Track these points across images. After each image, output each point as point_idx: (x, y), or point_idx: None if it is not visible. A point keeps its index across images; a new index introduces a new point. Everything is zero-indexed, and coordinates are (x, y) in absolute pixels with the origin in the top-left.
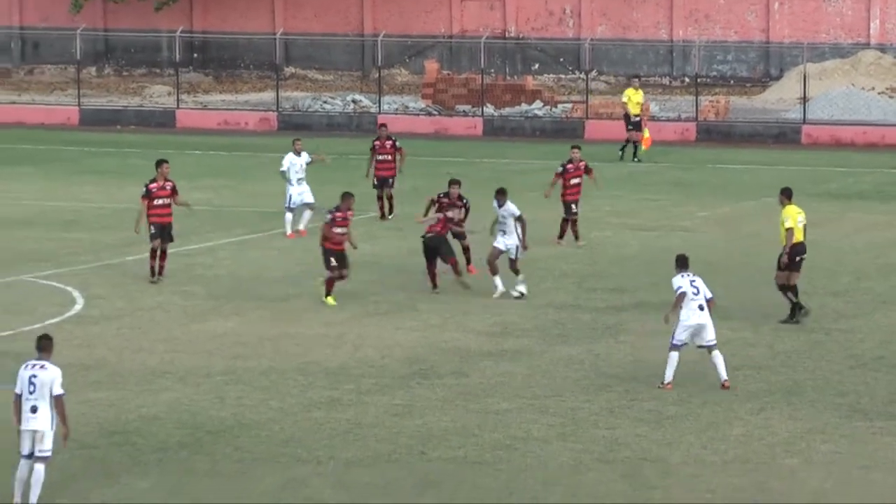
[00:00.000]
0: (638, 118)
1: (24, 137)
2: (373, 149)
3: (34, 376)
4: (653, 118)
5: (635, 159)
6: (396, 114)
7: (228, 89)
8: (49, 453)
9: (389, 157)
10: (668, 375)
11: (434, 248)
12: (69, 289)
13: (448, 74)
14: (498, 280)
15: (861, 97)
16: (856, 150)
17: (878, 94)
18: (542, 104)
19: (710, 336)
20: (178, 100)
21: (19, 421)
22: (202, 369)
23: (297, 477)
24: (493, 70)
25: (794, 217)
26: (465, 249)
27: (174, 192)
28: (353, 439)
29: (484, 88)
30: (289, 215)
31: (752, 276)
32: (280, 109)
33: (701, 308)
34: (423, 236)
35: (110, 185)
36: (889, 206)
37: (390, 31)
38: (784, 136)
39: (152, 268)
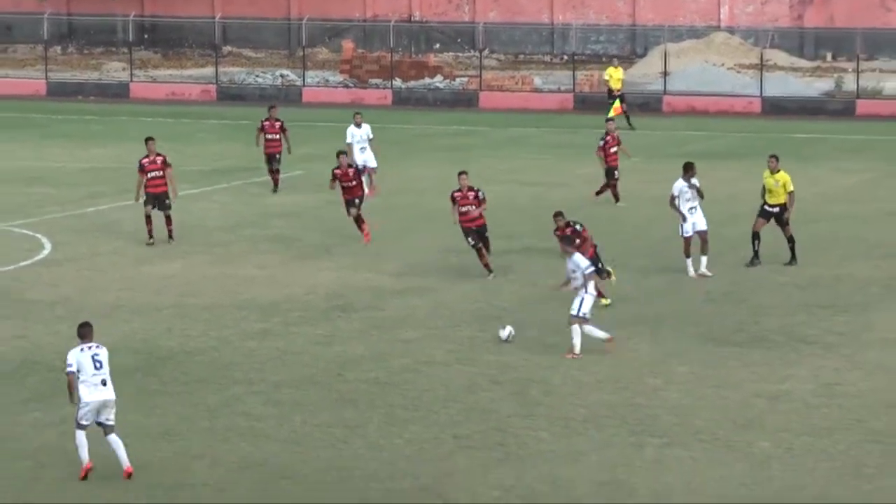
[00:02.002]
0: (619, 92)
1: None
2: (261, 128)
3: (97, 355)
4: (536, 90)
5: (630, 126)
6: (318, 86)
7: (175, 65)
8: (113, 421)
9: (277, 136)
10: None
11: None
12: (38, 236)
13: (362, 53)
14: (689, 263)
15: (713, 72)
16: (709, 116)
17: (728, 69)
18: (442, 78)
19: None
20: (131, 74)
21: (72, 398)
22: (153, 305)
23: (234, 395)
24: (400, 49)
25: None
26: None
27: (165, 164)
28: (282, 364)
29: (393, 65)
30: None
31: (621, 226)
32: (219, 83)
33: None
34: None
35: (74, 147)
36: (740, 163)
37: (313, 15)
38: (648, 105)
39: (149, 231)
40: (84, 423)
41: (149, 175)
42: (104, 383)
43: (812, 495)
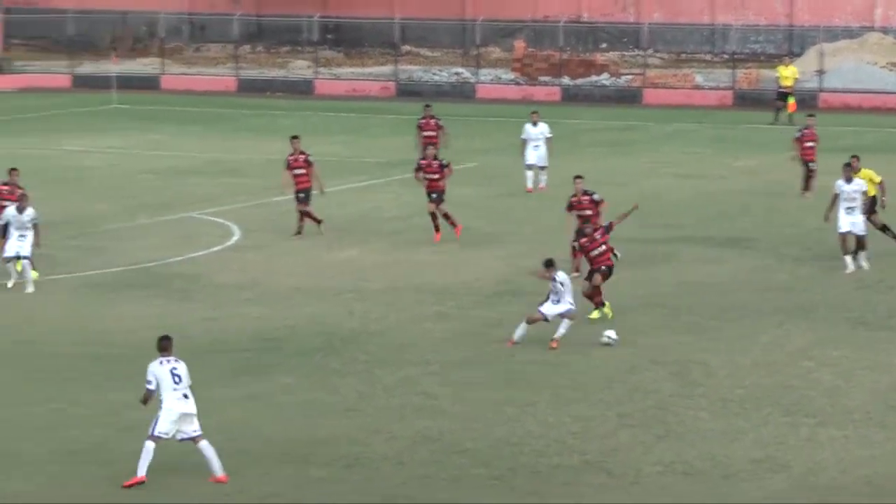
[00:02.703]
0: (788, 89)
1: (193, 102)
2: (419, 126)
3: (175, 369)
4: (697, 87)
5: (777, 122)
6: (491, 83)
7: (356, 63)
8: (200, 431)
9: (434, 134)
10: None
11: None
12: (228, 223)
13: (533, 52)
14: (848, 259)
15: (867, 70)
16: (862, 113)
17: (881, 68)
18: (608, 76)
19: None
20: (315, 72)
21: (145, 403)
22: (334, 288)
23: (410, 374)
24: (569, 48)
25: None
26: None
27: (307, 163)
28: (456, 345)
29: (562, 63)
30: (528, 173)
31: (776, 216)
32: (397, 80)
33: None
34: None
35: (262, 140)
36: (890, 156)
37: (487, 16)
38: (804, 101)
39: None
40: (159, 434)
41: (294, 172)
42: (186, 397)
43: None
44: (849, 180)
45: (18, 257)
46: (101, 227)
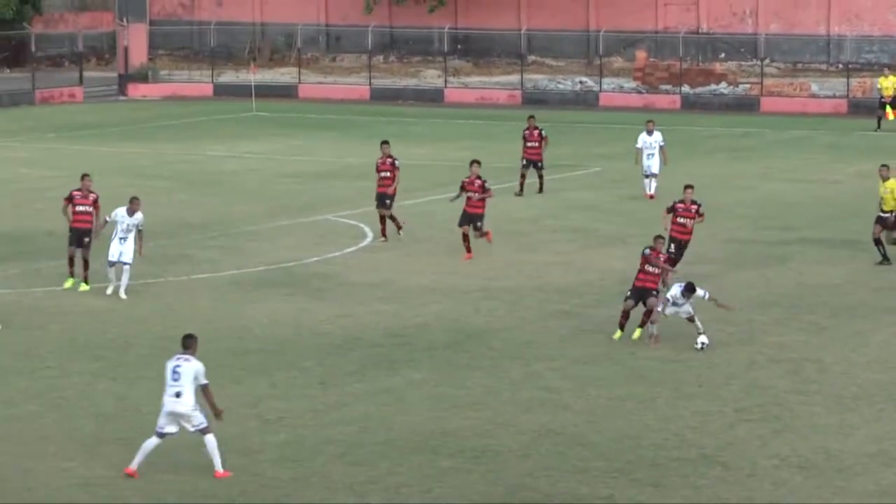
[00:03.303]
0: (888, 98)
1: (329, 110)
2: (524, 137)
3: (178, 366)
4: (813, 96)
5: (880, 129)
6: (613, 92)
7: (484, 73)
8: (204, 424)
9: (536, 144)
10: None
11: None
12: (361, 225)
13: (654, 61)
14: None
15: None
16: None
17: None
18: (726, 84)
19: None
20: (445, 81)
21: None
22: (462, 287)
23: (535, 370)
24: (688, 58)
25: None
26: None
27: (394, 166)
28: (579, 342)
29: (682, 72)
30: (645, 181)
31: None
32: (524, 88)
33: None
34: None
35: (395, 146)
36: None
37: (609, 27)
38: None
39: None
40: (159, 429)
41: (380, 175)
42: (178, 395)
43: None
44: None
45: (120, 262)
46: (242, 228)
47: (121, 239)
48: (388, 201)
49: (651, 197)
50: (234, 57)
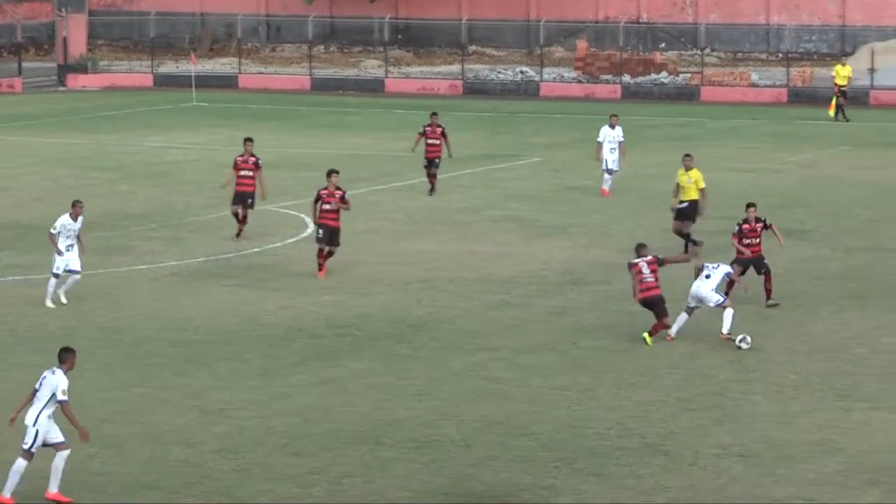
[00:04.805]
0: (844, 88)
1: (269, 100)
2: (423, 133)
3: (44, 378)
4: (753, 85)
5: (844, 118)
6: (554, 82)
7: (425, 63)
8: (26, 446)
9: (437, 142)
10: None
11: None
12: (303, 216)
13: (595, 51)
14: None
15: None
16: None
17: None
18: (667, 74)
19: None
20: (386, 71)
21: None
22: (405, 278)
23: (477, 360)
24: (629, 47)
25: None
26: None
27: (256, 165)
28: (521, 332)
29: (622, 62)
30: (606, 175)
31: (830, 207)
32: (465, 78)
33: None
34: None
35: (335, 136)
36: None
37: (550, 17)
38: (856, 98)
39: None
40: (23, 445)
41: (239, 173)
42: (32, 406)
43: None
44: None
45: (69, 271)
46: (183, 219)
47: (67, 247)
48: (249, 200)
49: (606, 194)
50: (174, 47)
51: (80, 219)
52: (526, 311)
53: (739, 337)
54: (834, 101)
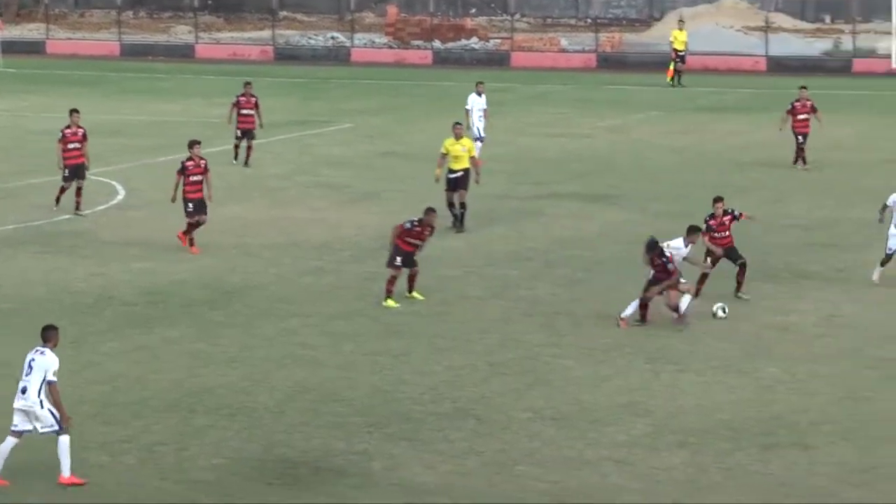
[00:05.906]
0: (682, 52)
1: (78, 66)
2: (236, 104)
3: (32, 360)
4: (563, 51)
5: (680, 84)
6: (365, 47)
7: (236, 28)
8: (51, 428)
9: (252, 112)
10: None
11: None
12: (114, 183)
13: (405, 17)
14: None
15: (723, 34)
16: (720, 74)
17: (736, 31)
18: (477, 40)
19: None
20: (196, 37)
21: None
22: (218, 244)
23: (290, 327)
24: (439, 13)
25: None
26: None
27: (84, 137)
28: (334, 298)
29: (433, 27)
30: (478, 143)
31: (639, 172)
32: (276, 44)
33: None
34: None
35: (145, 102)
36: (748, 116)
37: None
38: (664, 63)
39: (57, 198)
40: (12, 427)
41: (68, 146)
42: (23, 391)
43: (813, 417)
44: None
45: None
46: None
47: None
48: (84, 172)
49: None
50: None
51: None
52: (339, 277)
53: (717, 306)
54: (672, 67)
